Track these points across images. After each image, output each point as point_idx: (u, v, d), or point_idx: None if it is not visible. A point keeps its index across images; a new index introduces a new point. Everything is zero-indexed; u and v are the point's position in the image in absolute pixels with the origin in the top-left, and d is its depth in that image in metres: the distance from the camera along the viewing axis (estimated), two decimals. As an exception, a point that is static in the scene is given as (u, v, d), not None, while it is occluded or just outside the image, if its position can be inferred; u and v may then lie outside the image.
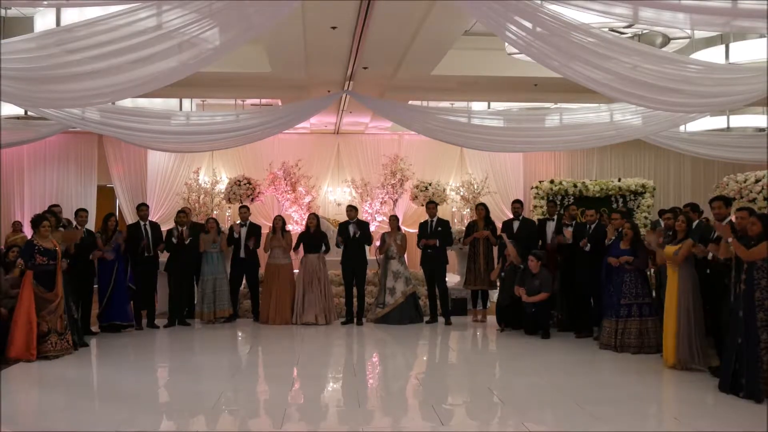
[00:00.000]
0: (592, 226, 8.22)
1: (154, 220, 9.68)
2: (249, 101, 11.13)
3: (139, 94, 7.25)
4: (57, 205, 8.73)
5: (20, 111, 8.42)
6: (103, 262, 8.45)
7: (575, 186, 12.60)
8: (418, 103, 10.36)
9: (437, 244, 9.25)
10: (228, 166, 13.13)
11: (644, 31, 7.07)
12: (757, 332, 5.30)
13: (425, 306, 9.59)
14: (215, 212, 12.17)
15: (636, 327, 7.18)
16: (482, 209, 9.45)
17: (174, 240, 9.09)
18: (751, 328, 5.33)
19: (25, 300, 6.88)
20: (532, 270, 8.28)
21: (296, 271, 9.73)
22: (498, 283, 9.19)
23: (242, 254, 9.45)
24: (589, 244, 8.03)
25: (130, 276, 8.79)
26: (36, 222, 7.22)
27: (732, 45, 7.27)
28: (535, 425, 4.92)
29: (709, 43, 8.09)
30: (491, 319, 9.18)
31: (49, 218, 7.41)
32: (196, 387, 6.11)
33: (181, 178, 12.70)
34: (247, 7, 4.85)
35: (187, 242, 9.14)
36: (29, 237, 7.66)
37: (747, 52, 7.16)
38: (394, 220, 9.56)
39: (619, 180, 12.82)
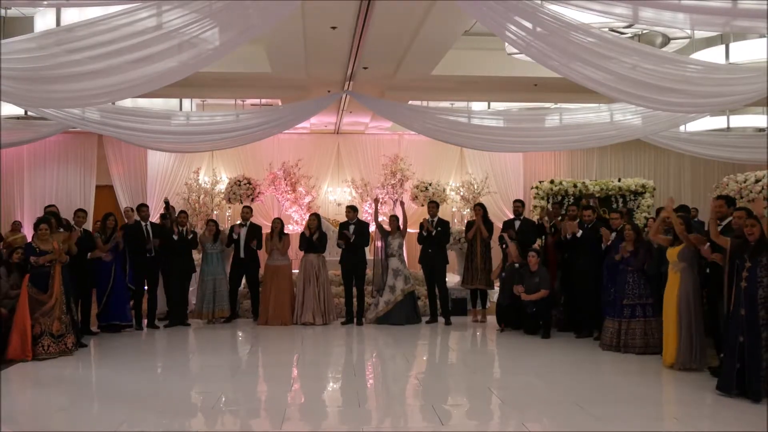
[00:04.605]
0: (589, 226, 8.23)
1: (153, 220, 9.68)
2: (249, 101, 11.12)
3: (139, 94, 7.25)
4: (53, 205, 8.74)
5: (20, 111, 8.42)
6: (102, 262, 8.45)
7: (575, 186, 12.60)
8: (418, 103, 10.35)
9: (433, 233, 9.31)
10: (228, 166, 13.11)
11: (644, 31, 7.07)
12: (759, 331, 5.29)
13: (424, 306, 9.60)
14: (215, 212, 12.17)
15: (641, 327, 7.16)
16: (480, 209, 9.46)
17: (175, 237, 9.10)
18: (754, 326, 5.30)
19: (21, 302, 6.90)
20: (532, 267, 8.28)
21: (296, 271, 9.74)
22: (497, 283, 9.19)
23: (242, 254, 9.47)
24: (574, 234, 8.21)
25: (130, 276, 8.80)
26: (35, 224, 7.26)
27: (732, 45, 7.26)
28: (535, 425, 4.92)
29: (709, 43, 8.08)
30: (491, 319, 9.18)
31: (50, 220, 7.43)
32: (196, 387, 6.12)
33: (181, 178, 12.68)
34: (247, 7, 4.85)
35: (189, 237, 9.17)
36: (28, 237, 7.67)
37: (747, 52, 7.16)
38: (394, 220, 9.55)
39: (619, 180, 12.82)
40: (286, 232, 9.98)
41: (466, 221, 10.94)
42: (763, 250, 5.35)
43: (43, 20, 6.57)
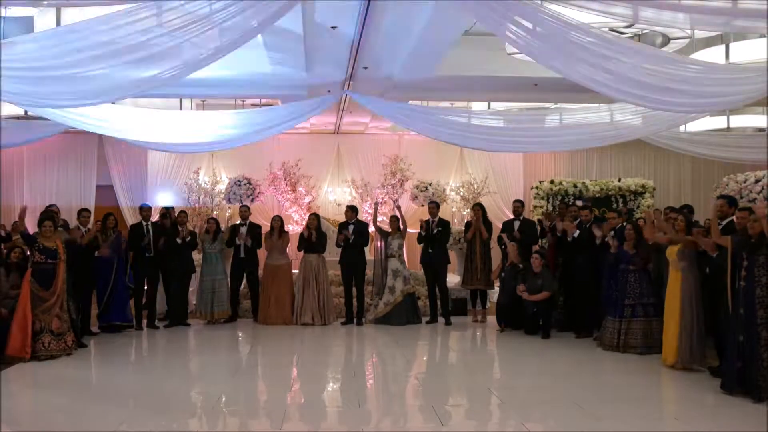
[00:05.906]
0: (587, 226, 8.23)
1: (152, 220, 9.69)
2: (249, 101, 11.12)
3: (139, 94, 7.25)
4: (53, 205, 8.74)
5: (20, 111, 8.42)
6: (103, 263, 8.45)
7: (575, 186, 12.59)
8: (418, 103, 10.35)
9: (433, 233, 9.30)
10: (228, 166, 13.10)
11: (644, 31, 7.06)
12: (757, 330, 5.30)
13: (425, 306, 9.59)
14: (215, 212, 12.16)
15: (641, 327, 7.16)
16: (479, 209, 9.46)
17: (178, 240, 9.11)
18: (752, 325, 5.32)
19: (22, 298, 6.90)
20: (535, 269, 8.28)
21: (295, 271, 9.73)
22: (497, 283, 9.18)
23: (242, 254, 9.46)
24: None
25: (130, 276, 8.80)
26: (38, 222, 7.27)
27: (732, 45, 7.26)
28: (535, 425, 4.93)
29: (709, 43, 8.07)
30: (491, 319, 9.18)
31: (54, 217, 7.45)
32: (196, 387, 6.13)
33: (181, 178, 12.69)
34: (246, 7, 4.85)
35: (187, 239, 9.19)
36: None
37: (747, 52, 7.15)
38: (394, 220, 9.55)
39: (619, 180, 12.81)
40: (285, 230, 9.97)
41: (465, 221, 10.93)
42: (761, 249, 5.36)
43: (43, 20, 6.56)
